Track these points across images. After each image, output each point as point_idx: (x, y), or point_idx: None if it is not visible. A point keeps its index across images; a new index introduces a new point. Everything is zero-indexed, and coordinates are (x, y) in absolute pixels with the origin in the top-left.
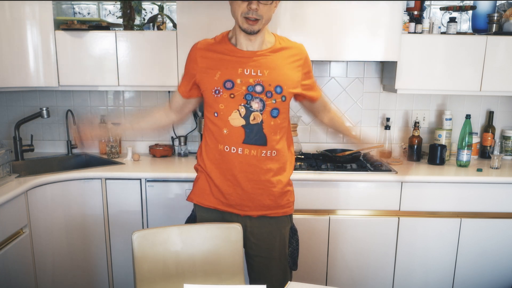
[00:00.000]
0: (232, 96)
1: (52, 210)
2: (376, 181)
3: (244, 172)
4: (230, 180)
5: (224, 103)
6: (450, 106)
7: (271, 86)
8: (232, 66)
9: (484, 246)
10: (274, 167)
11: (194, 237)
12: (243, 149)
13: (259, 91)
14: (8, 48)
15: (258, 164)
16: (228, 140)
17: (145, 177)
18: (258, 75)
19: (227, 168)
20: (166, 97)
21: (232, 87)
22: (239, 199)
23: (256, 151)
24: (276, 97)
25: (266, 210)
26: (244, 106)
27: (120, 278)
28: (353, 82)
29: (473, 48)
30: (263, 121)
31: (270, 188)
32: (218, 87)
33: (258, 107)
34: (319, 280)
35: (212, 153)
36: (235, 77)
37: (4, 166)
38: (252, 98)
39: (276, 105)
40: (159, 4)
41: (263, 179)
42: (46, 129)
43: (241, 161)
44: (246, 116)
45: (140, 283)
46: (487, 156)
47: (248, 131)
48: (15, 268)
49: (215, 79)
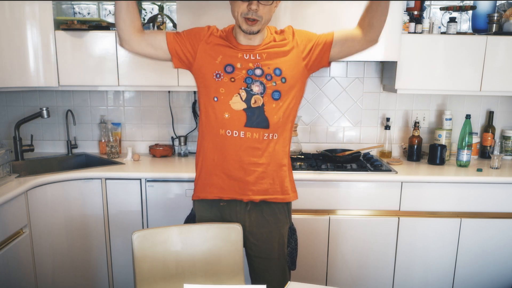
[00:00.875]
0: (233, 80)
1: (52, 210)
2: (376, 181)
3: (247, 156)
4: (232, 165)
5: (225, 87)
6: (450, 106)
7: (270, 69)
8: (233, 52)
9: (484, 246)
10: (276, 149)
11: (194, 237)
12: (245, 132)
13: (259, 74)
14: (8, 48)
15: (260, 146)
16: (230, 124)
17: (145, 177)
18: (257, 59)
19: (229, 153)
20: (166, 97)
21: (233, 71)
22: (242, 183)
23: (258, 134)
24: (276, 79)
25: (267, 195)
26: (245, 90)
27: (120, 278)
28: (353, 82)
29: (473, 48)
30: (264, 104)
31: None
32: (219, 71)
33: (259, 90)
34: (319, 280)
35: (213, 139)
36: (236, 61)
37: (4, 166)
38: (252, 82)
39: (276, 87)
40: (159, 4)
41: (265, 162)
42: (46, 129)
43: (243, 144)
44: (247, 99)
45: (140, 283)
46: (487, 156)
47: (250, 114)
48: (15, 268)
49: (216, 62)
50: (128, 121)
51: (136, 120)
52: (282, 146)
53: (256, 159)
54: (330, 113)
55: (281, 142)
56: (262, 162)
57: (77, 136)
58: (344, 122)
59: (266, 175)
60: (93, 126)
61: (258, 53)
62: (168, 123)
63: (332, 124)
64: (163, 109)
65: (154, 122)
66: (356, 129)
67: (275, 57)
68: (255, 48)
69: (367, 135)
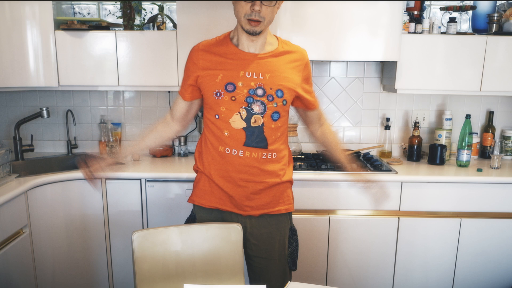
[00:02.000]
0: (234, 98)
1: (52, 210)
2: (376, 181)
3: (245, 174)
4: (230, 182)
5: (226, 105)
6: (450, 106)
7: (272, 90)
8: (234, 69)
9: (484, 246)
10: (275, 168)
11: (194, 237)
12: (244, 151)
13: (260, 94)
14: (8, 48)
15: (259, 166)
16: (229, 142)
17: (145, 177)
18: (260, 78)
19: (228, 170)
20: (166, 97)
21: (234, 89)
22: (240, 200)
23: (257, 154)
24: (277, 100)
25: (267, 209)
26: (246, 109)
27: (120, 278)
28: (353, 82)
29: (473, 48)
30: (264, 124)
31: (270, 189)
32: (219, 89)
33: (259, 110)
34: (319, 280)
35: (212, 154)
36: (237, 80)
37: (4, 166)
38: (253, 101)
39: (277, 108)
40: (159, 4)
41: (264, 181)
42: (46, 129)
43: (241, 163)
44: (247, 118)
45: (140, 283)
46: (487, 156)
47: (249, 134)
48: (15, 268)
49: (216, 81)
50: (128, 121)
51: (136, 120)
52: (282, 164)
53: (254, 178)
54: (330, 113)
55: (281, 160)
56: (260, 181)
57: (77, 136)
58: (344, 122)
59: (264, 193)
60: (93, 126)
61: (261, 72)
62: None
63: (332, 124)
64: (163, 109)
65: (154, 122)
66: (356, 129)
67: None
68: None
69: (367, 135)
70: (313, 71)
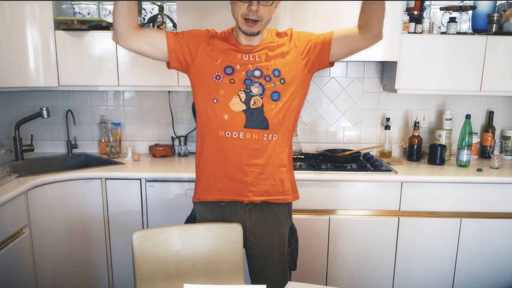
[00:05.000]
0: (232, 81)
1: (52, 210)
2: (376, 181)
3: (246, 157)
4: (232, 166)
5: (224, 88)
6: (450, 106)
7: (268, 70)
8: (232, 53)
9: (484, 246)
10: (276, 150)
11: (194, 237)
12: (245, 133)
13: (258, 75)
14: (8, 48)
15: (260, 147)
16: (229, 126)
17: (145, 177)
18: (256, 60)
19: (229, 154)
20: (166, 97)
21: (232, 72)
22: (242, 184)
23: (258, 135)
24: (274, 80)
25: (268, 196)
26: (244, 91)
27: (120, 278)
28: (353, 82)
29: (473, 48)
30: (264, 105)
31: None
32: (219, 72)
33: (258, 92)
34: (319, 280)
35: (212, 141)
36: (235, 63)
37: (4, 166)
38: (251, 83)
39: (275, 88)
40: (159, 4)
41: (265, 162)
42: (46, 129)
43: (242, 145)
44: (246, 101)
45: (140, 283)
46: (487, 156)
47: (249, 115)
48: (15, 268)
49: (216, 64)
50: (128, 121)
51: (136, 120)
52: (283, 146)
53: (256, 160)
54: (330, 113)
55: (281, 143)
56: (262, 163)
57: (77, 136)
58: (344, 122)
59: (266, 176)
60: (93, 126)
61: (257, 54)
62: (168, 123)
63: (332, 124)
64: (163, 109)
65: (154, 122)
66: (356, 129)
67: (273, 58)
68: (255, 48)
69: (367, 135)
70: None
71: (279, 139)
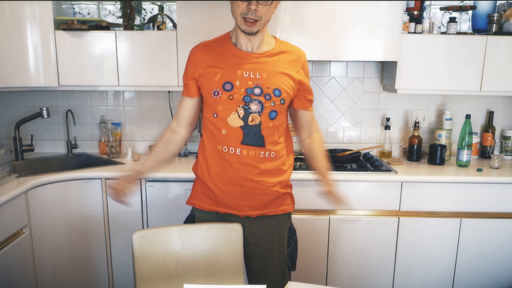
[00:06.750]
0: (231, 98)
1: (52, 210)
2: (376, 181)
3: (243, 172)
4: (228, 181)
5: (223, 104)
6: (450, 106)
7: (269, 89)
8: (232, 68)
9: (484, 246)
10: (272, 167)
11: (194, 237)
12: (241, 149)
13: (258, 93)
14: (8, 48)
15: (256, 164)
16: (227, 141)
17: (145, 177)
18: (257, 78)
19: (226, 168)
20: (166, 97)
21: (231, 89)
22: (238, 199)
23: (254, 152)
24: (274, 99)
25: (265, 209)
26: (243, 108)
27: (120, 278)
28: (353, 82)
29: (473, 48)
30: (261, 122)
31: (268, 188)
32: (217, 88)
33: (257, 109)
34: (319, 280)
35: (210, 153)
36: (235, 79)
37: (4, 166)
38: (250, 100)
39: (274, 107)
40: (159, 4)
41: (261, 179)
42: (46, 129)
43: (239, 161)
44: (244, 117)
45: (140, 283)
46: (487, 156)
47: (246, 132)
48: (15, 268)
49: (214, 80)
50: (128, 121)
51: (136, 120)
52: (281, 163)
53: (252, 176)
54: (330, 113)
55: (279, 159)
56: (258, 180)
57: (77, 136)
58: (344, 122)
59: (263, 192)
60: (93, 126)
61: (258, 72)
62: (168, 123)
63: (332, 124)
64: (163, 109)
65: (154, 122)
66: (356, 129)
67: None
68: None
69: (367, 135)
70: (313, 71)
71: (277, 156)
